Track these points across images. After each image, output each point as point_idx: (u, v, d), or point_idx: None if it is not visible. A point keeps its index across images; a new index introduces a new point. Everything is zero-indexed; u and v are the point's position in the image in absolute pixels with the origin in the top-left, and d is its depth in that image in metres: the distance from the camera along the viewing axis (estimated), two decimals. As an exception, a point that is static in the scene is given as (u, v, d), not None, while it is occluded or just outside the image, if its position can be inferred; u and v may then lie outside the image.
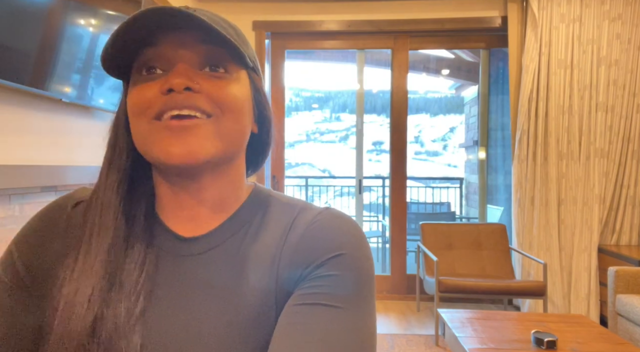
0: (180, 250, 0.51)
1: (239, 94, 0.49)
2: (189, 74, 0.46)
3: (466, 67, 5.74)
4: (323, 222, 0.51)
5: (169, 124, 0.45)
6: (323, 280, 0.46)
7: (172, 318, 0.47)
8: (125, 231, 0.50)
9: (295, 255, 0.49)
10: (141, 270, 0.49)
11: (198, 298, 0.48)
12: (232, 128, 0.48)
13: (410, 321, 3.02)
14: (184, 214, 0.52)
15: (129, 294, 0.47)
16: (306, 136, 13.84)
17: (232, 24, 0.53)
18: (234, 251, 0.50)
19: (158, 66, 0.47)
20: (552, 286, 3.04)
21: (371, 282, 0.49)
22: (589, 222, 3.02)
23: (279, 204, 0.55)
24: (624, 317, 2.35)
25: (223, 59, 0.49)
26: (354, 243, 0.49)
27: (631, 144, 3.00)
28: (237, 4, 3.35)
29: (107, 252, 0.48)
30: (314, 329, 0.43)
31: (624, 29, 2.98)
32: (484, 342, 1.75)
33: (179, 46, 0.47)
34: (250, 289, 0.48)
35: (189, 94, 0.46)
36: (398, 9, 3.31)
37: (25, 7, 1.43)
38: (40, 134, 1.72)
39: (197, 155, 0.46)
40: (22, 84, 1.46)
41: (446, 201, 6.19)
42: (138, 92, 0.47)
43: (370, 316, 0.47)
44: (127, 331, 0.45)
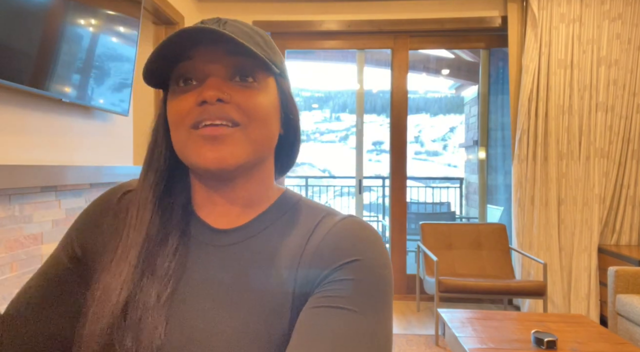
0: (213, 240, 0.55)
1: (266, 102, 0.54)
2: (220, 86, 0.51)
3: (466, 67, 5.75)
4: (344, 228, 0.54)
5: (204, 133, 0.51)
6: (340, 284, 0.48)
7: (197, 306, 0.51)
8: (161, 224, 0.55)
9: (315, 258, 0.52)
10: (173, 257, 0.53)
11: (221, 290, 0.52)
12: (260, 134, 0.53)
13: (410, 320, 3.02)
14: (217, 209, 0.57)
15: (160, 280, 0.52)
16: (306, 136, 13.84)
17: (261, 33, 0.56)
18: (260, 247, 0.54)
19: (193, 78, 0.53)
20: (552, 286, 3.04)
21: (388, 289, 0.51)
22: (589, 222, 3.02)
23: (305, 207, 0.59)
24: (624, 317, 2.35)
25: (251, 69, 0.53)
26: (372, 250, 0.52)
27: (631, 144, 3.00)
28: (237, 4, 3.35)
29: (141, 244, 0.53)
30: (329, 331, 0.45)
31: (624, 29, 2.98)
32: (484, 342, 1.75)
33: (210, 59, 0.52)
34: (270, 287, 0.51)
35: (220, 105, 0.51)
36: (398, 9, 3.31)
37: (25, 7, 1.43)
38: (40, 134, 1.72)
39: (229, 161, 0.51)
40: (22, 84, 1.46)
41: (446, 201, 6.19)
42: (177, 103, 0.53)
43: (386, 321, 0.49)
44: (155, 314, 0.49)
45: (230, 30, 0.52)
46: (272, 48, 0.57)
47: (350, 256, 0.50)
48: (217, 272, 0.53)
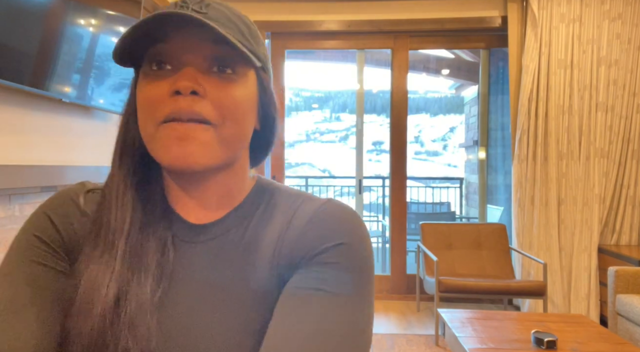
0: (191, 236, 0.54)
1: (243, 97, 0.51)
2: (196, 77, 0.48)
3: (466, 67, 5.74)
4: (326, 212, 0.53)
5: (173, 132, 0.48)
6: (323, 266, 0.48)
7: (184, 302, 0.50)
8: (143, 216, 0.52)
9: (297, 243, 0.51)
10: (163, 253, 0.51)
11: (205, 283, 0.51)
12: (233, 134, 0.50)
13: (410, 320, 3.02)
14: (192, 203, 0.55)
15: (153, 276, 0.50)
16: (306, 136, 13.84)
17: (245, 20, 0.54)
18: (239, 239, 0.53)
19: (167, 62, 0.49)
20: (552, 286, 3.04)
21: (370, 273, 0.50)
22: (589, 222, 3.02)
23: (282, 194, 0.57)
24: (623, 317, 2.35)
25: (231, 60, 0.50)
26: (356, 234, 0.51)
27: (631, 144, 3.00)
28: (237, 4, 3.30)
29: (126, 236, 0.50)
30: (311, 314, 0.45)
31: (624, 29, 2.98)
32: (484, 342, 1.75)
33: (188, 46, 0.49)
34: (253, 276, 0.51)
35: (194, 99, 0.48)
36: (398, 9, 3.31)
37: (25, 7, 1.43)
38: (40, 134, 1.72)
39: (197, 161, 0.48)
40: (22, 84, 1.46)
41: (446, 201, 6.19)
42: (149, 88, 0.49)
43: (368, 306, 0.49)
44: (149, 312, 0.48)
45: (213, 15, 0.49)
46: (255, 38, 0.54)
47: (334, 239, 0.50)
48: (199, 268, 0.52)
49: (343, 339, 0.44)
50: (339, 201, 0.55)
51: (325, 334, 0.44)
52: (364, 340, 0.46)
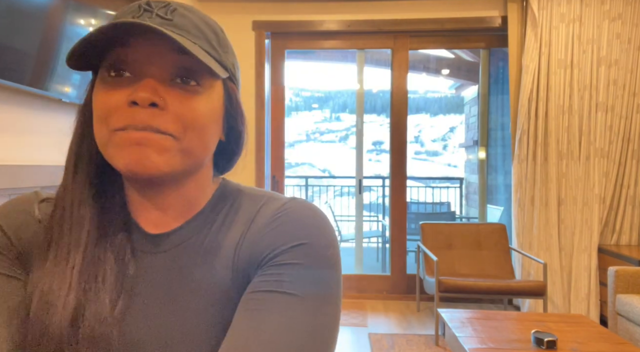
0: (149, 247, 0.52)
1: (206, 110, 0.49)
2: (156, 89, 0.46)
3: (466, 67, 5.75)
4: (288, 212, 0.51)
5: (128, 136, 0.45)
6: (282, 268, 0.46)
7: (146, 313, 0.49)
8: (100, 226, 0.50)
9: (257, 244, 0.49)
10: (122, 263, 0.49)
11: (166, 293, 0.49)
12: (194, 145, 0.48)
13: (410, 320, 3.02)
14: (152, 214, 0.53)
15: (112, 288, 0.48)
16: (306, 136, 13.84)
17: (214, 27, 0.51)
18: (199, 245, 0.51)
19: (127, 70, 0.47)
20: (552, 286, 3.04)
21: (334, 273, 0.49)
22: (589, 222, 3.02)
23: (245, 196, 0.55)
24: (624, 317, 2.35)
25: (196, 70, 0.48)
26: (318, 233, 0.49)
27: (631, 144, 3.00)
28: (237, 4, 3.35)
29: (84, 246, 0.48)
30: (271, 315, 0.44)
31: (624, 29, 2.98)
32: (484, 342, 1.75)
33: (150, 54, 0.46)
34: (213, 281, 0.49)
35: (153, 111, 0.45)
36: (398, 8, 3.31)
37: (25, 7, 1.43)
38: (40, 134, 1.72)
39: (153, 170, 0.46)
40: (22, 84, 1.46)
41: (446, 201, 6.19)
42: (105, 96, 0.47)
43: (329, 305, 0.47)
44: (111, 324, 0.46)
45: (179, 22, 0.47)
46: (224, 46, 0.51)
47: (295, 239, 0.48)
48: (159, 279, 0.50)
49: (302, 342, 0.43)
50: (302, 200, 0.53)
51: (283, 338, 0.42)
52: (323, 342, 0.45)
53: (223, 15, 3.34)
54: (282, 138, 3.53)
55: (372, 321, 2.99)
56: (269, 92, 3.48)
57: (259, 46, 3.34)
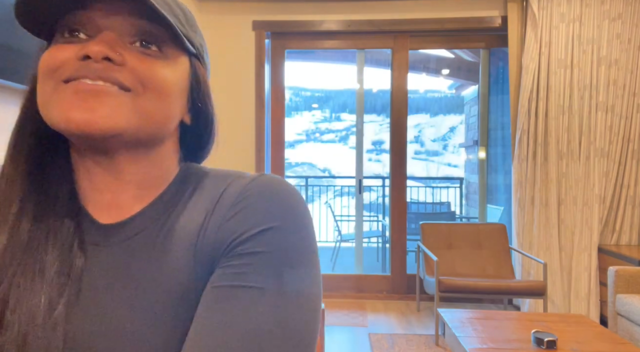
0: (100, 239, 0.45)
1: (168, 76, 0.44)
2: (114, 43, 0.41)
3: (466, 66, 5.75)
4: (254, 190, 0.45)
5: (76, 86, 0.40)
6: (247, 258, 0.41)
7: (94, 314, 0.42)
8: (37, 210, 0.44)
9: (220, 229, 0.43)
10: (66, 260, 0.43)
11: (119, 291, 0.43)
12: (153, 107, 0.43)
13: (411, 320, 3.02)
14: (105, 198, 0.47)
15: (51, 286, 0.41)
16: (306, 136, 13.84)
17: (183, 6, 0.48)
18: (156, 236, 0.45)
19: (82, 31, 0.42)
20: (552, 286, 3.04)
21: (309, 259, 0.43)
22: (589, 222, 3.02)
23: (211, 177, 0.50)
24: (624, 317, 2.35)
25: (159, 38, 0.44)
26: (288, 214, 0.43)
27: (631, 144, 3.00)
28: (237, 4, 3.34)
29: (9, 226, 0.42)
30: (237, 315, 0.39)
31: (624, 29, 2.98)
32: (484, 342, 1.75)
33: (110, 14, 0.42)
34: (172, 273, 0.43)
35: (107, 65, 0.41)
36: (398, 8, 3.31)
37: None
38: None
39: (101, 125, 0.40)
40: (22, 84, 1.46)
41: (446, 201, 6.19)
42: (51, 52, 0.42)
43: (303, 298, 0.41)
44: (48, 327, 0.39)
45: None
46: (192, 26, 0.48)
47: (261, 224, 0.42)
48: (112, 273, 0.43)
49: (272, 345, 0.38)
50: (271, 176, 0.47)
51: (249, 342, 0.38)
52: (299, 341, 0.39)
53: (223, 15, 3.34)
54: (282, 138, 3.53)
55: (372, 321, 2.99)
56: (269, 92, 3.48)
57: (258, 46, 3.34)
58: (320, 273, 0.45)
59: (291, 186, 0.46)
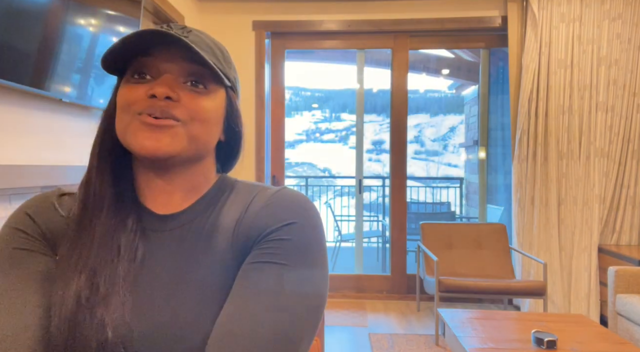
0: (157, 226, 0.60)
1: (210, 107, 0.59)
2: (172, 84, 0.56)
3: (466, 66, 5.75)
4: (279, 198, 0.60)
5: (146, 120, 0.55)
6: (274, 243, 0.55)
7: (155, 283, 0.56)
8: (115, 211, 0.59)
9: (253, 224, 0.58)
10: (132, 241, 0.57)
11: (174, 264, 0.57)
12: (198, 132, 0.58)
13: (411, 320, 3.02)
14: (159, 197, 0.61)
15: (123, 260, 0.56)
16: (306, 136, 13.83)
17: (221, 47, 0.62)
18: (202, 226, 0.60)
19: (148, 73, 0.57)
20: (552, 286, 3.04)
21: (318, 247, 0.57)
22: (589, 222, 3.02)
23: (242, 186, 0.65)
24: (624, 316, 2.35)
25: (204, 77, 0.58)
26: (305, 215, 0.58)
27: (631, 144, 3.00)
28: (237, 4, 3.34)
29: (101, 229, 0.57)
30: (264, 282, 0.52)
31: (624, 29, 2.98)
32: (484, 342, 1.75)
33: (168, 60, 0.57)
34: (215, 256, 0.57)
35: (168, 103, 0.55)
36: (398, 8, 3.31)
37: (25, 7, 1.43)
38: (40, 134, 1.72)
39: (165, 150, 0.55)
40: (22, 84, 1.46)
41: (446, 201, 6.19)
42: (128, 91, 0.57)
43: (317, 274, 0.55)
44: (122, 290, 0.54)
45: (192, 39, 0.57)
46: (228, 63, 0.62)
47: (285, 220, 0.56)
48: (167, 254, 0.58)
49: (293, 301, 0.51)
50: (290, 189, 0.62)
51: (276, 298, 0.51)
52: (313, 303, 0.53)
53: (223, 15, 3.34)
54: (282, 138, 3.53)
55: (372, 321, 2.99)
56: (269, 92, 3.48)
57: (259, 46, 3.34)
58: (327, 258, 0.59)
59: (305, 197, 0.62)
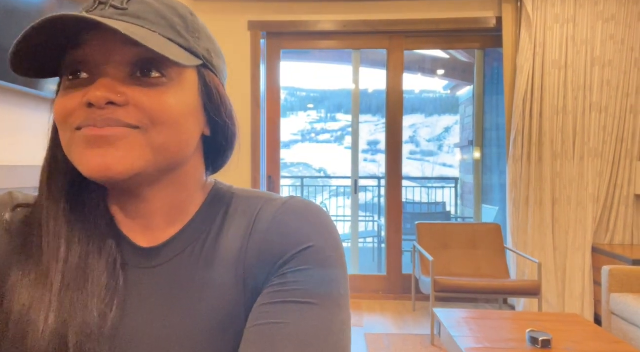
0: (140, 262, 0.47)
1: (176, 102, 0.43)
2: (113, 85, 0.41)
3: (461, 67, 5.77)
4: (288, 213, 0.47)
5: (87, 135, 0.41)
6: (293, 276, 0.44)
7: (141, 329, 0.45)
8: (82, 240, 0.45)
9: (262, 252, 0.46)
10: (110, 279, 0.45)
11: (162, 310, 0.45)
12: (167, 139, 0.43)
13: (406, 320, 3.03)
14: (138, 223, 0.48)
15: (100, 300, 0.43)
16: (302, 136, 13.83)
17: (181, 10, 0.45)
18: (196, 257, 0.47)
19: (84, 70, 0.43)
20: (546, 285, 3.05)
21: (342, 273, 0.47)
22: (583, 221, 3.04)
23: (241, 199, 0.51)
24: (617, 316, 2.36)
25: (158, 61, 0.42)
26: (322, 233, 0.47)
27: (624, 144, 3.02)
28: (232, 4, 3.34)
29: (63, 264, 0.44)
30: (288, 327, 0.41)
31: (617, 30, 3.00)
32: (480, 342, 1.76)
33: (105, 50, 0.42)
34: (216, 293, 0.45)
35: (112, 109, 0.41)
36: (393, 9, 3.32)
37: (20, 6, 1.42)
38: (35, 135, 1.71)
39: (117, 168, 0.41)
40: (16, 84, 1.46)
41: (441, 201, 6.21)
42: (61, 100, 0.43)
43: (345, 310, 0.45)
44: (101, 338, 0.42)
45: (135, 10, 0.42)
46: (193, 31, 0.46)
47: (300, 244, 0.45)
48: (155, 295, 0.46)
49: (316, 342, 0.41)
50: (299, 198, 0.50)
51: (306, 345, 0.40)
52: (343, 348, 0.43)
53: (218, 15, 3.33)
54: (277, 138, 3.53)
55: (368, 321, 3.00)
56: (265, 92, 3.48)
57: (254, 46, 3.33)
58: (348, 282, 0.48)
59: (319, 207, 0.50)
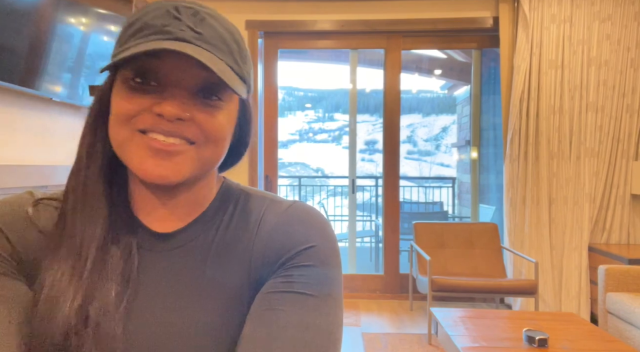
0: (155, 246, 0.53)
1: (226, 123, 0.51)
2: (183, 104, 0.47)
3: (458, 67, 5.77)
4: (293, 215, 0.54)
5: (152, 144, 0.47)
6: (297, 270, 0.50)
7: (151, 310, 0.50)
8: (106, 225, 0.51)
9: (268, 249, 0.52)
10: (128, 260, 0.50)
11: (172, 293, 0.51)
12: (212, 154, 0.51)
13: (403, 319, 3.03)
14: (158, 212, 0.54)
15: (117, 283, 0.48)
16: (299, 136, 13.83)
17: (236, 36, 0.52)
18: (207, 245, 0.53)
19: (153, 80, 0.47)
20: (543, 285, 3.06)
21: (339, 274, 0.53)
22: (579, 221, 3.05)
23: (248, 197, 0.58)
24: (614, 315, 2.37)
25: (219, 85, 0.49)
26: (324, 236, 0.53)
27: (621, 144, 3.04)
28: (230, 3, 3.33)
29: (96, 241, 0.49)
30: (289, 314, 0.47)
31: (613, 30, 3.01)
32: (477, 341, 1.76)
33: (178, 67, 0.47)
34: (223, 283, 0.51)
35: (178, 124, 0.47)
36: (391, 9, 3.32)
37: (16, 6, 1.42)
38: (30, 134, 1.70)
39: (171, 178, 0.48)
40: (13, 83, 1.45)
41: (439, 201, 6.22)
42: (128, 100, 0.47)
43: (340, 308, 0.52)
44: (115, 319, 0.47)
45: (207, 35, 0.48)
46: (244, 57, 0.53)
47: (304, 243, 0.51)
48: (166, 277, 0.51)
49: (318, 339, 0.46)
50: (303, 203, 0.57)
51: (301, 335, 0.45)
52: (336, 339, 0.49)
53: (216, 14, 3.32)
54: (275, 138, 3.53)
55: (366, 321, 3.00)
56: (262, 92, 3.48)
57: (252, 46, 3.33)
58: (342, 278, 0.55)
59: (321, 213, 0.56)
